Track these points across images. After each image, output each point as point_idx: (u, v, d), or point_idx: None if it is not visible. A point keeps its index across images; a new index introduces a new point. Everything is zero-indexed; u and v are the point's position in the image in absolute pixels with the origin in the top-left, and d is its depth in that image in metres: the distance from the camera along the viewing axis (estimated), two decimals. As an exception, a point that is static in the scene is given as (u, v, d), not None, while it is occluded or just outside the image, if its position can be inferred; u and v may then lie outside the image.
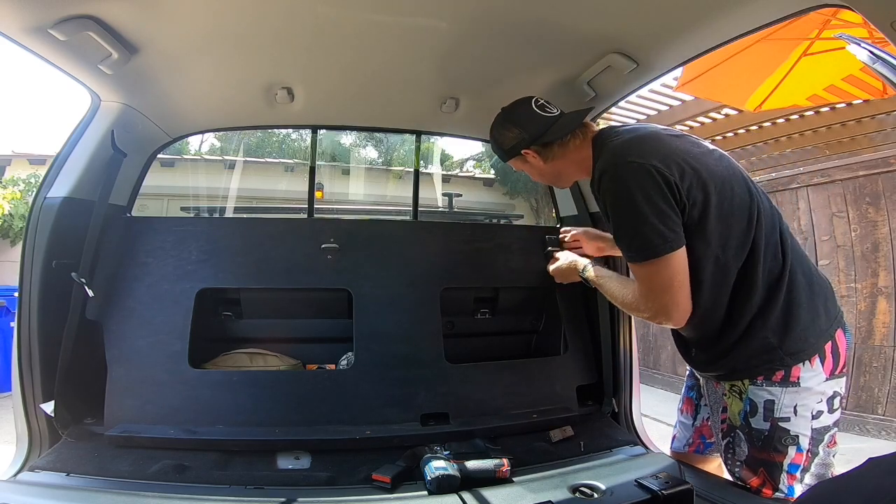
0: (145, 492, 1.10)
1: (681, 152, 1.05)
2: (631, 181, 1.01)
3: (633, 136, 1.11)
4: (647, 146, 1.06)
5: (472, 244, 1.78)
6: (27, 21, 1.03)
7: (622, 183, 1.03)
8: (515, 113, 1.23)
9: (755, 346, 1.05)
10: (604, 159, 1.09)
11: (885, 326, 3.10)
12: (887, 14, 0.80)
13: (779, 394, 1.04)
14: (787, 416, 1.05)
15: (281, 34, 1.25)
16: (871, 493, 0.65)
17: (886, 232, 3.10)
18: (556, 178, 1.31)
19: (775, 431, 1.05)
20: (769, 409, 1.05)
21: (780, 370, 1.04)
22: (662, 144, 1.07)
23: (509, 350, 1.86)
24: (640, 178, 1.00)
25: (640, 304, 1.10)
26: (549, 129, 1.19)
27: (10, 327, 3.54)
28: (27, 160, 7.28)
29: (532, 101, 1.23)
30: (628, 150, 1.05)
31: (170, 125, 1.67)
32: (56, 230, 1.34)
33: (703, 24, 1.12)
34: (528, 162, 1.25)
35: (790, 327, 1.04)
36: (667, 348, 4.42)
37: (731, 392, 1.12)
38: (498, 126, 1.26)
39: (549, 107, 1.23)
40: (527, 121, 1.21)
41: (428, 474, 1.14)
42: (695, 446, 1.35)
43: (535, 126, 1.19)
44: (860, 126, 3.55)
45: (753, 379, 1.07)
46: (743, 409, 1.09)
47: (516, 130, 1.22)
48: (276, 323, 1.73)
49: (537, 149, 1.21)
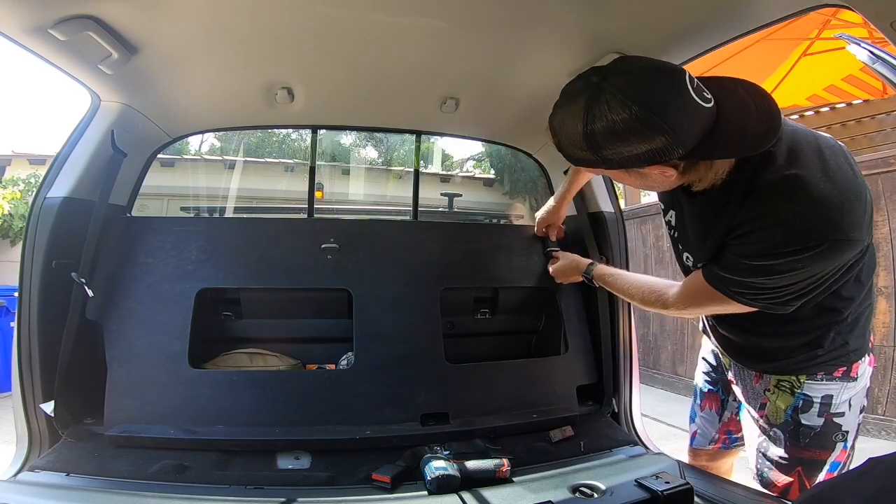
0: (145, 492, 1.10)
1: (871, 200, 0.85)
2: (841, 259, 0.83)
3: (837, 186, 0.80)
4: (863, 208, 0.81)
5: (472, 244, 1.78)
6: (27, 21, 1.03)
7: (827, 259, 0.81)
8: (660, 98, 0.73)
9: (824, 345, 1.01)
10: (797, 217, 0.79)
11: (885, 326, 3.09)
12: (887, 14, 0.80)
13: (838, 389, 1.02)
14: (842, 412, 1.02)
15: (281, 34, 1.24)
16: (871, 493, 0.65)
17: (886, 232, 3.09)
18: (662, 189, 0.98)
19: (829, 427, 1.02)
20: (826, 404, 1.01)
21: (843, 366, 1.02)
22: (869, 204, 0.83)
23: (509, 350, 1.86)
24: (848, 255, 0.83)
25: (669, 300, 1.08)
26: (712, 135, 0.76)
27: (10, 327, 3.54)
28: (27, 160, 7.29)
29: (686, 77, 0.75)
30: (846, 218, 0.78)
31: (170, 125, 1.67)
32: (56, 230, 1.34)
33: (702, 24, 1.12)
34: (642, 174, 0.83)
35: (856, 326, 1.02)
36: (667, 348, 4.41)
37: (777, 388, 1.06)
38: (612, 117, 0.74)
39: (704, 91, 0.77)
40: (683, 118, 0.74)
41: (428, 474, 1.14)
42: (721, 443, 1.32)
43: (695, 128, 0.74)
44: (860, 126, 3.56)
45: (813, 375, 1.02)
46: (793, 404, 1.04)
47: (661, 135, 0.73)
48: (276, 323, 1.73)
49: (676, 163, 0.79)
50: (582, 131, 0.77)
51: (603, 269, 1.39)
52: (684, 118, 0.74)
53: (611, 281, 1.32)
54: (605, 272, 1.37)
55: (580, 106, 0.77)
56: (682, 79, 0.74)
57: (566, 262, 1.54)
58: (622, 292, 1.30)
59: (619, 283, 1.30)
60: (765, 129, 0.76)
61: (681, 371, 4.20)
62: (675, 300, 1.08)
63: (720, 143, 0.76)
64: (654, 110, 0.72)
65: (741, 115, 0.77)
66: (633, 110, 0.73)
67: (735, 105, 0.78)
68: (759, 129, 0.76)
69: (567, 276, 1.55)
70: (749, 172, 0.84)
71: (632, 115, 0.73)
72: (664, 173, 0.81)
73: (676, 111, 0.73)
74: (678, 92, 0.73)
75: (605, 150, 0.77)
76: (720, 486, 1.16)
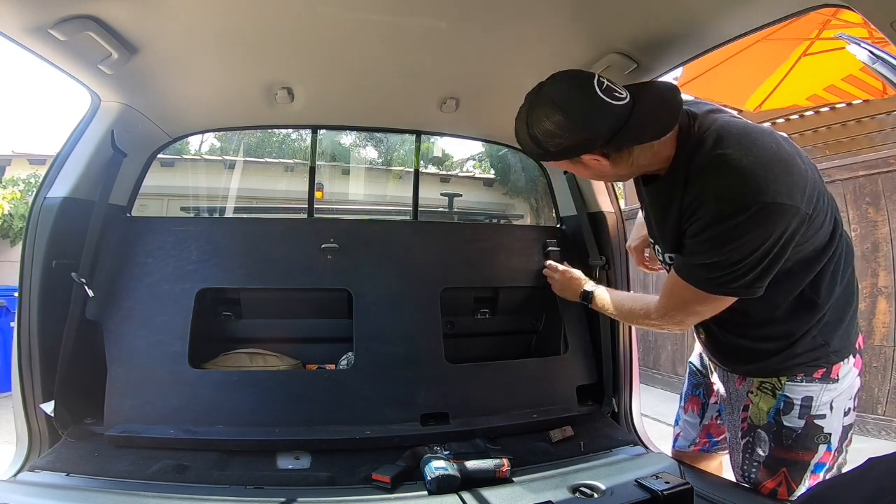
0: (145, 492, 1.10)
1: (816, 184, 0.90)
2: (775, 224, 0.86)
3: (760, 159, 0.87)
4: (791, 176, 0.87)
5: (472, 244, 1.78)
6: (27, 21, 1.03)
7: (760, 225, 0.86)
8: (573, 103, 0.90)
9: (804, 346, 1.02)
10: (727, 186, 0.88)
11: (885, 326, 3.10)
12: (887, 14, 0.80)
13: (818, 391, 1.02)
14: (823, 414, 1.03)
15: (281, 34, 1.24)
16: (871, 493, 0.65)
17: (886, 232, 3.09)
18: (615, 178, 1.12)
19: (809, 429, 1.03)
20: (806, 406, 1.03)
21: (823, 367, 1.02)
22: (802, 177, 0.89)
23: (509, 350, 1.86)
24: (784, 221, 0.86)
25: (653, 310, 1.11)
26: (624, 126, 0.90)
27: (10, 327, 3.54)
28: (27, 160, 7.30)
29: (595, 81, 0.91)
30: (772, 185, 0.85)
31: (170, 125, 1.67)
32: (56, 230, 1.34)
33: (703, 24, 1.12)
34: (583, 163, 0.98)
35: (838, 327, 1.03)
36: (667, 348, 4.41)
37: (759, 390, 1.08)
38: (542, 121, 0.93)
39: (617, 90, 0.92)
40: (594, 116, 0.90)
41: (428, 474, 1.14)
42: (700, 445, 1.34)
43: (606, 123, 0.90)
44: (860, 126, 3.56)
45: (793, 376, 1.04)
46: (775, 406, 1.05)
47: (578, 132, 0.91)
48: (276, 323, 1.73)
49: (605, 152, 0.94)
50: (528, 133, 0.97)
51: (599, 299, 1.39)
52: (595, 117, 0.90)
53: (606, 307, 1.35)
54: (601, 301, 1.38)
55: (524, 114, 0.98)
56: (591, 84, 0.91)
57: (565, 282, 1.56)
58: (617, 315, 1.33)
59: (611, 306, 1.32)
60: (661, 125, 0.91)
61: (681, 371, 4.20)
62: (657, 307, 1.11)
63: (630, 134, 0.91)
64: (570, 114, 0.91)
65: (650, 108, 0.91)
66: (556, 118, 0.92)
67: (646, 100, 0.93)
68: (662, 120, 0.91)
69: (564, 294, 1.58)
70: (685, 159, 0.95)
71: (556, 121, 0.92)
72: (597, 160, 0.96)
73: (588, 112, 0.91)
74: (589, 96, 0.90)
75: (546, 144, 0.96)
76: (720, 486, 1.16)
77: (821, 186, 0.93)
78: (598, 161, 0.96)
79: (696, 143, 0.93)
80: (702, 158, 0.92)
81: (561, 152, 0.96)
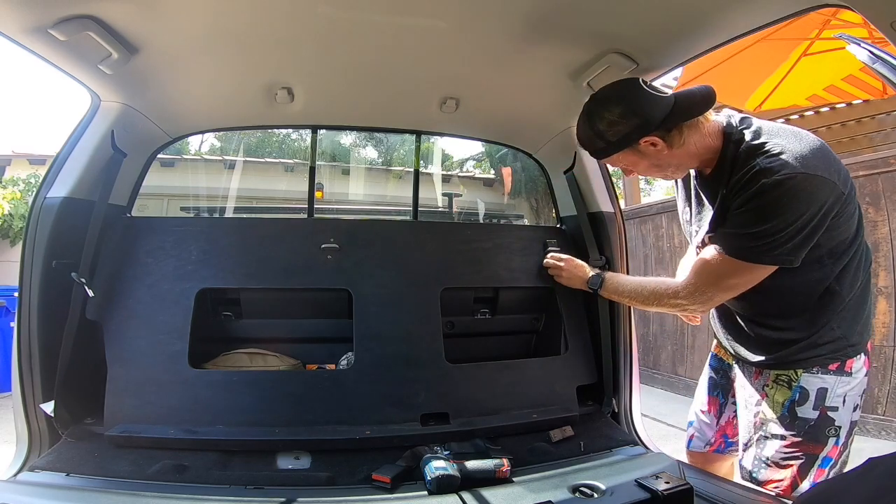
0: (145, 492, 1.09)
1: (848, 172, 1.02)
2: (815, 195, 0.95)
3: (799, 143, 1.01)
4: (827, 159, 0.99)
5: (472, 244, 1.78)
6: (27, 21, 1.03)
7: (802, 194, 0.95)
8: (627, 95, 1.07)
9: (824, 337, 1.07)
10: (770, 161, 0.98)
11: (885, 326, 3.09)
12: (887, 14, 0.80)
13: (832, 382, 1.07)
14: (835, 406, 1.07)
15: (281, 34, 1.24)
16: (871, 493, 0.65)
17: (886, 232, 3.10)
18: (671, 170, 1.17)
19: (822, 420, 1.07)
20: (821, 397, 1.07)
21: (837, 361, 1.07)
22: (837, 160, 1.02)
23: (509, 350, 1.86)
24: (824, 194, 0.96)
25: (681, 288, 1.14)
26: (672, 112, 1.05)
27: (10, 327, 3.54)
28: (27, 160, 7.30)
29: (640, 80, 1.09)
30: (811, 161, 0.97)
31: (170, 125, 1.67)
32: (56, 230, 1.34)
33: (703, 24, 1.12)
34: (641, 152, 1.10)
35: (856, 321, 1.08)
36: (667, 348, 4.41)
37: (775, 382, 1.12)
38: (603, 114, 1.08)
39: (658, 87, 1.10)
40: (646, 103, 1.06)
41: (428, 474, 1.14)
42: (716, 446, 1.35)
43: (658, 107, 1.05)
44: (860, 126, 3.56)
45: (809, 368, 1.08)
46: (791, 397, 1.10)
47: (634, 117, 1.06)
48: (276, 323, 1.72)
49: (661, 134, 1.06)
50: (591, 129, 1.11)
51: (612, 281, 1.40)
52: (646, 104, 1.06)
53: (621, 290, 1.36)
54: (614, 284, 1.39)
55: (585, 115, 1.13)
56: (637, 81, 1.09)
57: (571, 270, 1.57)
58: (634, 299, 1.33)
59: (628, 289, 1.33)
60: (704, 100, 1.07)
61: (681, 371, 4.20)
62: (686, 284, 1.15)
63: (679, 112, 1.06)
64: (626, 103, 1.07)
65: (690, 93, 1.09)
66: (616, 109, 1.08)
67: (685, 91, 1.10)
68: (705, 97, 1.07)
69: (570, 283, 1.59)
70: (732, 148, 1.07)
71: (615, 112, 1.08)
72: (654, 145, 1.08)
73: (640, 101, 1.07)
74: (637, 90, 1.08)
75: (608, 136, 1.09)
76: (720, 486, 1.16)
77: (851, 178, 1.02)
78: (656, 145, 1.07)
79: (740, 135, 1.06)
80: (746, 146, 1.03)
81: (622, 140, 1.08)
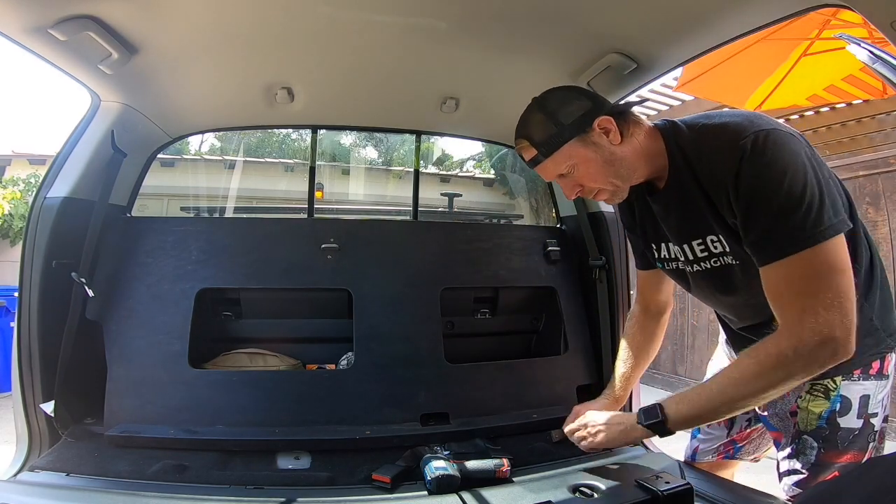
0: (145, 492, 1.09)
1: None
2: (793, 143, 0.86)
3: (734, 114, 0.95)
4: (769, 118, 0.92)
5: (472, 244, 1.78)
6: (27, 21, 1.03)
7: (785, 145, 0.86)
8: (573, 89, 1.09)
9: (863, 330, 0.88)
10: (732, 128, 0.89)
11: (885, 326, 3.10)
12: (887, 14, 0.80)
13: (873, 388, 0.99)
14: (876, 412, 0.99)
15: (281, 34, 1.25)
16: (871, 492, 0.65)
17: (886, 232, 3.10)
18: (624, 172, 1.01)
19: (866, 428, 0.99)
20: (864, 405, 0.98)
21: (877, 359, 0.99)
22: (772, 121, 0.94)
23: (509, 350, 1.86)
24: (795, 143, 0.87)
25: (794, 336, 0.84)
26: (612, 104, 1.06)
27: (10, 327, 3.54)
28: (27, 160, 7.29)
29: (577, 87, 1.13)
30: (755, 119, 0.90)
31: (170, 125, 1.67)
32: (56, 230, 1.34)
33: (703, 24, 1.12)
34: (594, 143, 0.99)
35: (886, 307, 0.98)
36: (667, 348, 4.41)
37: (810, 393, 1.00)
38: (553, 93, 1.04)
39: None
40: (590, 92, 1.11)
41: (428, 474, 1.14)
42: (724, 454, 1.30)
43: (601, 97, 1.07)
44: (860, 126, 3.56)
45: (850, 374, 0.98)
46: (830, 408, 0.99)
47: (585, 98, 1.02)
48: (276, 323, 1.73)
49: (613, 116, 1.00)
50: (543, 112, 1.02)
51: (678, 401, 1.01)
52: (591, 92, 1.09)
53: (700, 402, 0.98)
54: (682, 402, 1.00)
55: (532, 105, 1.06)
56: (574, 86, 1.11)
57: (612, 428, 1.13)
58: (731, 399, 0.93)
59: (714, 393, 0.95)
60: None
61: (681, 371, 4.20)
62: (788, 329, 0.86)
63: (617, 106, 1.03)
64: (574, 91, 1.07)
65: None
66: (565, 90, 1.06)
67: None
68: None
69: (625, 442, 1.17)
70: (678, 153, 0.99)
71: (565, 90, 1.06)
72: (607, 130, 0.99)
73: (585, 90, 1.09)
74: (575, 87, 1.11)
75: (560, 115, 1.00)
76: (720, 486, 1.16)
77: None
78: (609, 131, 0.98)
79: (675, 128, 1.01)
80: (692, 134, 0.98)
81: (576, 122, 0.99)
